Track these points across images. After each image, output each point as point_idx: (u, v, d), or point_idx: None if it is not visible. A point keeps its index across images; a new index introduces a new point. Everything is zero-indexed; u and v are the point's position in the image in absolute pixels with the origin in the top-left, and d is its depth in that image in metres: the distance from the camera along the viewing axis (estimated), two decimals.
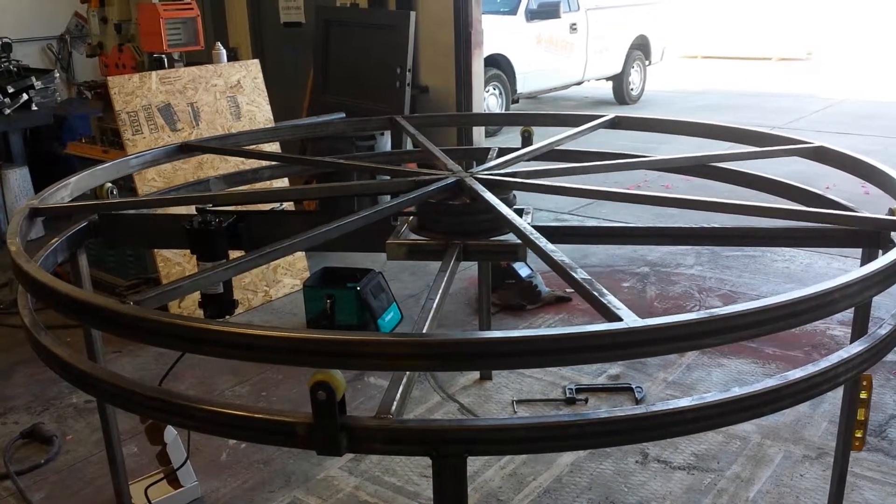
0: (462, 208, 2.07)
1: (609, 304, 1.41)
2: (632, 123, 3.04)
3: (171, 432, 2.56)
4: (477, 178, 2.16)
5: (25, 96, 5.48)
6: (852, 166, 2.34)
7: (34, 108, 5.54)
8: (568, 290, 4.33)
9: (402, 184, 2.22)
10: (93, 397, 2.68)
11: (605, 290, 1.47)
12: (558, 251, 1.67)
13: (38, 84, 5.58)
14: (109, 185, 2.42)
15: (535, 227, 2.12)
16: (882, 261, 1.58)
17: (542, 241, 1.74)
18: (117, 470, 2.56)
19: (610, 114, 2.99)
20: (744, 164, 2.59)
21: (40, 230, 4.80)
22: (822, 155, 2.47)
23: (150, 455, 2.71)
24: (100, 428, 2.53)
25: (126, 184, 3.93)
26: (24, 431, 3.13)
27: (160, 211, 2.72)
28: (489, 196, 2.00)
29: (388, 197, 2.20)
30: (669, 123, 3.03)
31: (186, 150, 2.84)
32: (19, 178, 5.59)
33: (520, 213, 2.17)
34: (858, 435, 2.17)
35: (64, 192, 2.30)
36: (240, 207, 2.35)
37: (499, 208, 1.93)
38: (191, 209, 2.32)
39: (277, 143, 4.53)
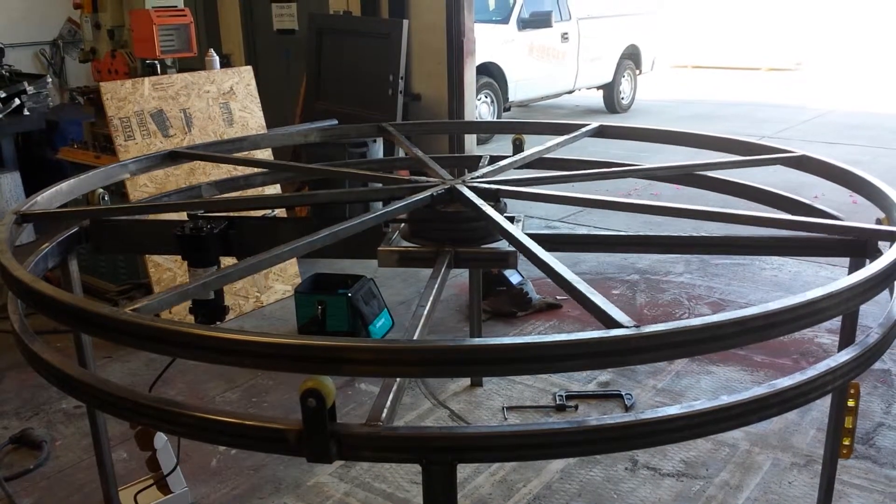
0: (453, 215, 2.08)
1: (607, 311, 1.42)
2: (616, 132, 3.10)
3: (161, 438, 2.55)
4: (468, 186, 2.16)
5: (17, 101, 5.46)
6: (839, 176, 2.37)
7: (26, 113, 5.52)
8: (559, 297, 4.34)
9: (394, 191, 2.22)
10: (82, 403, 2.68)
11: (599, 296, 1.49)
12: (552, 259, 1.68)
13: (30, 89, 5.56)
14: (101, 190, 2.42)
15: (527, 236, 2.14)
16: (869, 270, 1.59)
17: (537, 249, 1.75)
18: (107, 475, 2.55)
19: (595, 122, 3.05)
20: (733, 174, 2.61)
21: (31, 234, 4.79)
22: (804, 164, 2.50)
23: (140, 461, 2.70)
24: (89, 433, 2.52)
25: (118, 189, 3.93)
26: (14, 436, 3.11)
27: (152, 217, 2.71)
28: (485, 207, 2.01)
29: (381, 204, 2.20)
30: (651, 132, 3.06)
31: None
32: (11, 182, 5.58)
33: (511, 220, 2.18)
34: (846, 443, 2.19)
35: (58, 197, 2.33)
36: (231, 214, 2.35)
37: (494, 217, 1.94)
38: (182, 215, 2.32)
39: (269, 149, 4.54)
